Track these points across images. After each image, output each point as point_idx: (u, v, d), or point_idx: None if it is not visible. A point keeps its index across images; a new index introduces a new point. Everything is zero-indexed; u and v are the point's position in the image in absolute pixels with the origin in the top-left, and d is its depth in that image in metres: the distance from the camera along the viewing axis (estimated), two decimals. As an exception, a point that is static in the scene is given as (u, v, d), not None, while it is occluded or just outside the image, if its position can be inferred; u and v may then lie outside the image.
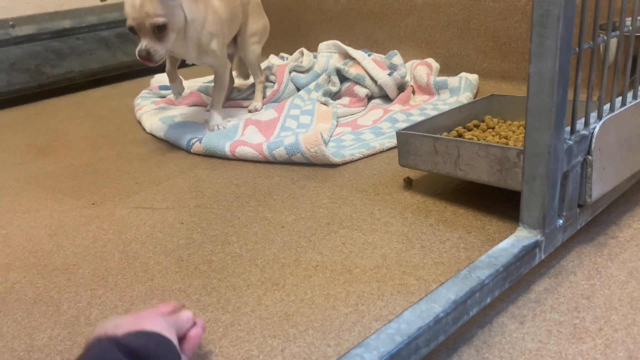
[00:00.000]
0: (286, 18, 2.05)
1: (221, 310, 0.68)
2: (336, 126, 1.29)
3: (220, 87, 1.34)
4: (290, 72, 1.55)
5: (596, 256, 0.73)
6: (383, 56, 1.54)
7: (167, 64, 1.34)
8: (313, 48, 1.67)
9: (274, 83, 1.55)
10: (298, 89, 1.52)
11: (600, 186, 0.72)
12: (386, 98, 1.45)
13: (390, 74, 1.43)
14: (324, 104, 1.38)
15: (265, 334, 0.63)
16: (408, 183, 0.98)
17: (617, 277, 0.68)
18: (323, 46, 1.59)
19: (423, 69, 1.52)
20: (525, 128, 0.64)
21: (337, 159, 1.09)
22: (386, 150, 1.15)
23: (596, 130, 0.68)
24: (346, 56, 1.52)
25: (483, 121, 1.08)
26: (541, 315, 0.62)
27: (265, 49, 1.54)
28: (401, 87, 1.46)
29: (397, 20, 1.75)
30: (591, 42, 0.65)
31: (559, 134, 0.62)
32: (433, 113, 1.29)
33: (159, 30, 1.09)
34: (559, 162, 0.64)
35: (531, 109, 0.62)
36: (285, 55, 1.83)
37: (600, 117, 0.71)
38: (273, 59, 1.79)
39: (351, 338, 0.61)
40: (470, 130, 1.04)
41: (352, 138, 1.21)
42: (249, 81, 1.64)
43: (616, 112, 0.72)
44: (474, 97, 1.44)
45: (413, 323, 0.52)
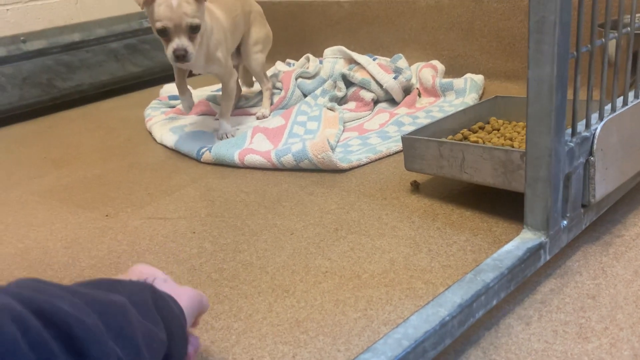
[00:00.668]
0: (291, 24, 2.07)
1: (233, 317, 0.69)
2: (343, 131, 1.30)
3: (227, 96, 1.36)
4: (296, 79, 1.57)
5: (602, 255, 0.73)
6: (388, 60, 1.56)
7: (176, 77, 1.37)
8: (319, 53, 1.69)
9: (281, 90, 1.57)
10: (304, 95, 1.54)
11: (604, 186, 0.73)
12: (392, 101, 1.47)
13: (395, 78, 1.44)
14: (331, 110, 1.39)
15: (276, 340, 0.64)
16: (415, 187, 0.99)
17: (623, 276, 0.69)
18: (328, 52, 1.61)
19: (428, 71, 1.53)
20: (526, 132, 0.65)
21: (344, 165, 1.10)
22: (393, 154, 1.16)
23: (597, 131, 0.69)
24: (351, 61, 1.53)
25: (488, 123, 1.09)
26: (547, 315, 0.63)
27: (271, 56, 1.55)
28: (407, 90, 1.48)
29: (401, 23, 1.77)
30: (589, 46, 0.66)
31: (560, 137, 0.63)
32: (439, 115, 1.30)
33: (193, 31, 1.14)
34: (561, 165, 0.65)
35: (531, 113, 0.63)
36: (291, 61, 1.85)
37: (601, 118, 0.71)
38: (280, 65, 1.81)
39: (361, 343, 0.62)
40: (475, 132, 1.05)
41: (359, 143, 1.23)
42: (254, 89, 1.66)
43: (617, 113, 0.73)
44: (480, 98, 1.45)
45: (420, 327, 0.53)
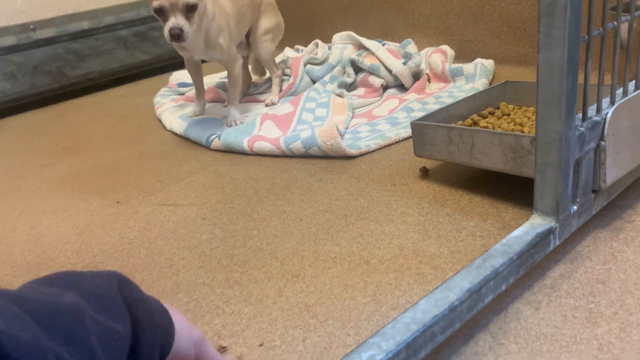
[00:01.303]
0: (299, 10, 2.06)
1: (244, 302, 0.70)
2: (352, 118, 1.30)
3: (233, 83, 1.36)
4: (305, 65, 1.56)
5: (612, 240, 0.73)
6: (397, 45, 1.54)
7: (191, 75, 1.41)
8: (328, 39, 1.68)
9: (290, 77, 1.56)
10: (313, 82, 1.54)
11: (615, 171, 0.72)
12: (402, 87, 1.46)
13: (405, 63, 1.43)
14: (340, 96, 1.39)
15: (286, 325, 0.65)
16: (424, 173, 0.99)
17: (634, 261, 0.69)
18: (337, 37, 1.60)
19: (438, 57, 1.52)
20: (536, 117, 0.65)
21: (354, 151, 1.10)
22: (402, 140, 1.16)
23: (609, 115, 0.69)
24: (360, 47, 1.52)
25: (498, 108, 1.08)
26: (556, 300, 0.64)
27: (280, 42, 1.55)
28: (416, 76, 1.47)
29: (411, 8, 1.75)
30: (601, 29, 0.65)
31: (570, 122, 0.63)
32: (449, 101, 1.29)
33: (189, 10, 1.14)
34: (571, 150, 0.65)
35: (541, 98, 0.63)
36: (300, 47, 1.84)
37: (613, 103, 0.71)
38: (288, 52, 1.80)
39: (370, 327, 0.63)
40: (485, 117, 1.04)
41: (368, 129, 1.22)
42: (266, 77, 1.66)
43: (629, 97, 0.72)
44: (490, 83, 1.44)
45: (428, 312, 0.54)
